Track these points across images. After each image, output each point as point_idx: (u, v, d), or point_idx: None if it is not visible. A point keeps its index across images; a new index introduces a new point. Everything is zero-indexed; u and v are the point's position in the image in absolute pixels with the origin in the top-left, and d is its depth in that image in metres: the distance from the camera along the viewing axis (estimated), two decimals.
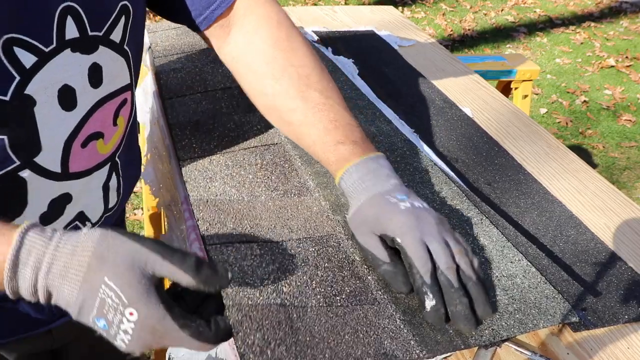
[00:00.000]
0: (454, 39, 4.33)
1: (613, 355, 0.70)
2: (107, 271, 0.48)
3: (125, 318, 0.48)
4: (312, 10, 1.72)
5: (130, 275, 0.48)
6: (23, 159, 0.61)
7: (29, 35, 0.56)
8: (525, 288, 0.70)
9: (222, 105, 1.06)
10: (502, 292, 0.70)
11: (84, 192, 0.70)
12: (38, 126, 0.61)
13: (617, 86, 3.75)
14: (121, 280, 0.48)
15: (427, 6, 4.92)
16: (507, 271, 0.73)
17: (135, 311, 0.48)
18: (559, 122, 3.30)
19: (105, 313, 0.48)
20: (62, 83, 0.61)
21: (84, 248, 0.49)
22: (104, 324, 0.49)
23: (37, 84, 0.58)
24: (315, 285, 0.69)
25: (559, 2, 5.18)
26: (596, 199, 0.97)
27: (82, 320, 0.50)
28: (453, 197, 0.86)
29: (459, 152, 1.06)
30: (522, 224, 0.89)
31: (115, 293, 0.48)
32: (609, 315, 0.74)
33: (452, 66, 1.43)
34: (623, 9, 5.13)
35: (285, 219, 0.79)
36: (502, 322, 0.66)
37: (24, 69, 0.57)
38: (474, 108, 1.22)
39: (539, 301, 0.69)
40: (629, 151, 3.08)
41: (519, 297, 0.69)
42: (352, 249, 0.75)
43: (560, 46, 4.32)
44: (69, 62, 0.60)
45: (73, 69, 0.61)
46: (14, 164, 0.61)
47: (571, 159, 1.08)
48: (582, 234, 0.88)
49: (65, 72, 0.60)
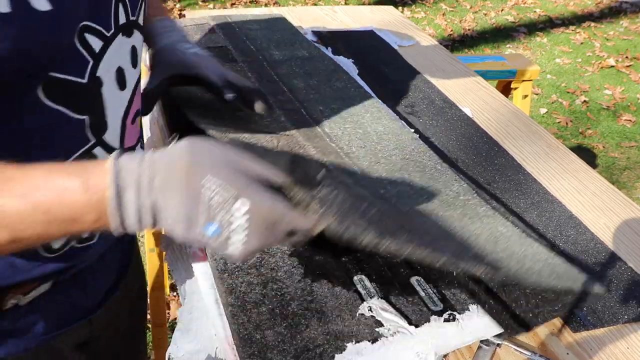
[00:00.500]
0: (454, 39, 4.33)
1: (613, 355, 0.70)
2: (207, 171, 0.49)
3: (236, 213, 0.49)
4: (312, 10, 1.72)
5: (229, 170, 0.50)
6: (96, 137, 0.66)
7: (96, 22, 0.61)
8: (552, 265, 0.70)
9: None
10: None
11: None
12: (105, 105, 0.66)
13: (617, 86, 3.75)
14: (224, 175, 0.49)
15: (427, 6, 4.92)
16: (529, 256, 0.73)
17: (247, 199, 0.49)
18: (559, 122, 3.30)
19: (215, 214, 0.49)
20: (117, 65, 0.66)
21: (179, 157, 0.50)
22: (214, 229, 0.49)
23: (104, 66, 0.63)
24: None
25: (559, 2, 5.18)
26: (596, 199, 0.97)
27: (191, 236, 0.50)
28: (465, 193, 0.86)
29: (459, 152, 1.06)
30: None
31: (221, 187, 0.49)
32: (609, 315, 0.74)
33: (452, 66, 1.43)
34: (623, 9, 5.13)
35: None
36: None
37: (94, 53, 0.62)
38: (474, 108, 1.22)
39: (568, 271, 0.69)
40: (629, 151, 3.08)
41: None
42: None
43: (560, 46, 4.32)
44: (122, 45, 0.67)
45: (123, 52, 0.67)
46: (90, 143, 0.65)
47: (571, 159, 1.08)
48: (582, 234, 0.88)
49: (120, 55, 0.67)
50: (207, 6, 4.48)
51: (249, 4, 4.72)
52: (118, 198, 0.49)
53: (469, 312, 0.69)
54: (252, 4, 4.72)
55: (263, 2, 4.75)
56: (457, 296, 0.72)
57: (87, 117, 0.63)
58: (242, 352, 0.63)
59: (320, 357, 0.63)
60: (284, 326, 0.66)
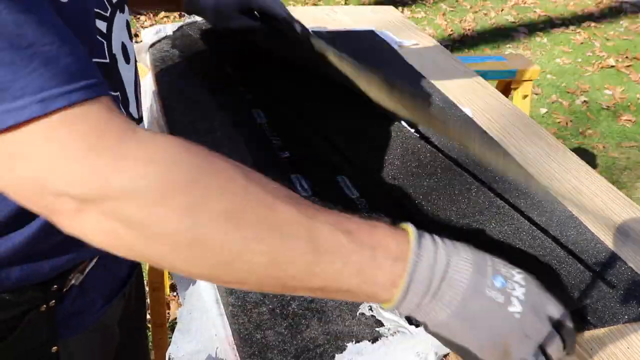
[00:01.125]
0: (454, 39, 4.33)
1: (613, 355, 0.70)
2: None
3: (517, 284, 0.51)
4: (312, 10, 1.72)
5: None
6: (125, 111, 0.70)
7: (98, 7, 0.65)
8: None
9: None
10: None
11: None
12: (123, 80, 0.70)
13: (617, 86, 3.75)
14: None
15: (427, 6, 4.92)
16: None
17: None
18: (559, 122, 3.30)
19: (501, 273, 0.51)
20: (121, 41, 0.70)
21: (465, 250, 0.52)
22: (501, 282, 0.50)
23: (114, 44, 0.68)
24: None
25: (559, 2, 5.18)
26: (596, 199, 0.97)
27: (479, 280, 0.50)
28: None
29: (459, 152, 1.05)
30: None
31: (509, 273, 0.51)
32: (609, 315, 0.74)
33: (452, 66, 1.43)
34: (623, 9, 5.13)
35: None
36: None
37: (104, 34, 0.65)
38: (474, 108, 1.22)
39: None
40: (629, 151, 3.08)
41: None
42: None
43: (560, 46, 4.32)
44: (120, 21, 0.70)
45: (122, 27, 0.71)
46: None
47: (571, 159, 1.08)
48: (582, 234, 0.88)
49: (121, 31, 0.70)
50: None
51: None
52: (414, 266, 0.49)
53: None
54: None
55: None
56: None
57: (118, 94, 0.68)
58: (242, 352, 0.63)
59: (321, 357, 0.63)
60: (285, 326, 0.66)
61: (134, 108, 0.74)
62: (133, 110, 0.73)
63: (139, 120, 0.76)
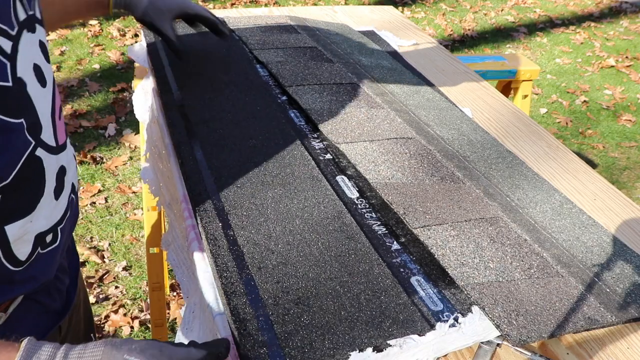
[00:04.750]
0: (454, 39, 4.33)
1: (613, 355, 0.70)
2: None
3: None
4: (312, 10, 1.72)
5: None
6: (35, 139, 0.66)
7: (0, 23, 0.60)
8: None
9: (345, 97, 1.15)
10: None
11: (69, 163, 0.75)
12: (35, 105, 0.65)
13: (617, 86, 3.75)
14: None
15: (427, 6, 4.92)
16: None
17: None
18: (559, 122, 3.31)
19: None
20: (33, 62, 0.66)
21: (94, 345, 0.55)
22: None
23: (21, 66, 0.63)
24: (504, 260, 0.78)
25: (559, 2, 5.18)
26: (596, 199, 0.97)
27: None
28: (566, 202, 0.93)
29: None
30: None
31: None
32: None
33: (452, 66, 1.43)
34: (623, 9, 5.13)
35: (455, 200, 0.88)
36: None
37: (7, 54, 0.61)
38: (474, 108, 1.22)
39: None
40: (629, 151, 3.08)
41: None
42: (521, 230, 0.83)
43: (560, 46, 4.32)
44: (29, 41, 0.65)
45: (33, 48, 0.66)
46: (32, 144, 0.65)
47: (571, 159, 1.08)
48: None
49: (31, 52, 0.65)
50: (207, 6, 4.48)
51: (249, 4, 4.72)
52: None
53: (471, 314, 0.69)
54: (252, 4, 4.72)
55: (263, 2, 4.75)
56: (457, 296, 0.71)
57: (23, 120, 0.63)
58: (242, 352, 0.63)
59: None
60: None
61: (50, 134, 0.68)
62: (48, 137, 0.68)
63: (58, 149, 0.71)
